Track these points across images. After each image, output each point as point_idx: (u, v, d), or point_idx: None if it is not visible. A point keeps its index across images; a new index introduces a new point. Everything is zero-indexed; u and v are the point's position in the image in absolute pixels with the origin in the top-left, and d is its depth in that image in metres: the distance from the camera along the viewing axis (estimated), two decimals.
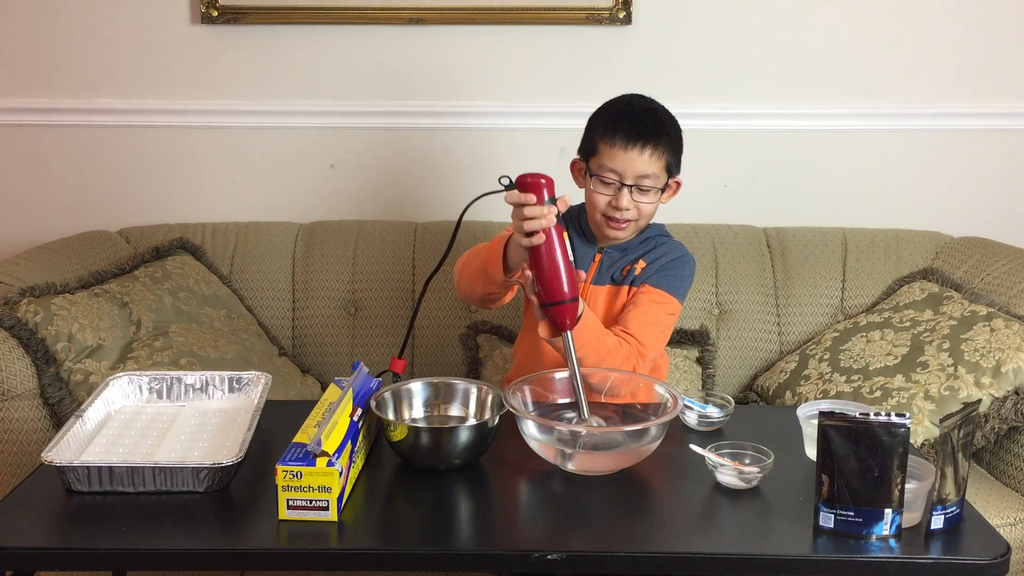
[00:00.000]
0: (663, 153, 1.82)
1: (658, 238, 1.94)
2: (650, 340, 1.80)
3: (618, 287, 1.89)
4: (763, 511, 1.40)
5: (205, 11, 2.49)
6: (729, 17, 2.53)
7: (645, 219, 1.87)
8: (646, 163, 1.80)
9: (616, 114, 1.85)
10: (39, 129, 2.58)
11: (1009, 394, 2.02)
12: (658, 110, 1.87)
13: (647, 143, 1.80)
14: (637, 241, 1.92)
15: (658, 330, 1.83)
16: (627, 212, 1.82)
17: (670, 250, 1.91)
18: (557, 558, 1.28)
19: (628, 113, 1.84)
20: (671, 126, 1.86)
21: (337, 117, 2.58)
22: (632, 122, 1.81)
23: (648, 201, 1.83)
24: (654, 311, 1.83)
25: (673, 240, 1.96)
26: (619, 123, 1.82)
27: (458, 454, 1.48)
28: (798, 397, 2.21)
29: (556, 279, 1.55)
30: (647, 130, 1.80)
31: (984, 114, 2.59)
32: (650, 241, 1.92)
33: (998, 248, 2.41)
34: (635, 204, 1.82)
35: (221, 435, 1.56)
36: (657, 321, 1.83)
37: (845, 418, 1.31)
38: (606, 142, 1.82)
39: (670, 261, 1.89)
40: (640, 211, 1.83)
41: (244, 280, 2.45)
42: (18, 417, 1.94)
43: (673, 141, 1.85)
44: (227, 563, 1.36)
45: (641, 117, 1.83)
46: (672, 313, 1.87)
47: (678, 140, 1.87)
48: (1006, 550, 1.31)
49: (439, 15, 2.50)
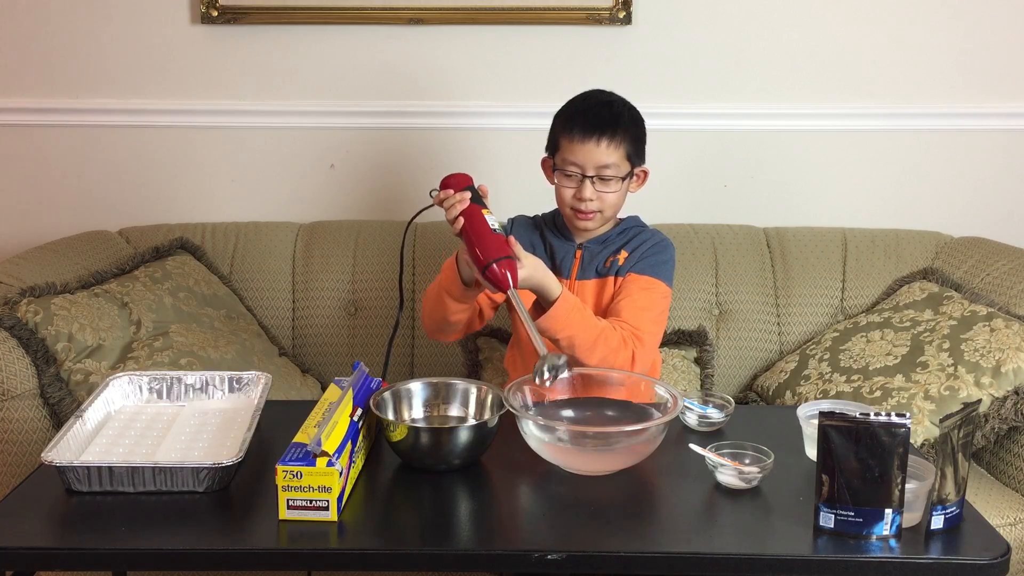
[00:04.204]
0: (621, 143, 1.86)
1: (636, 228, 1.97)
2: (645, 324, 1.81)
3: (604, 279, 1.91)
4: (763, 511, 1.40)
5: (205, 11, 2.49)
6: (729, 17, 2.53)
7: (611, 209, 1.89)
8: (604, 153, 1.84)
9: (574, 110, 1.91)
10: (39, 129, 2.58)
11: (1009, 394, 2.02)
12: (615, 102, 1.92)
13: (603, 134, 1.84)
14: (616, 232, 1.95)
15: (651, 314, 1.84)
16: (591, 203, 1.86)
17: (649, 237, 1.95)
18: (557, 558, 1.28)
19: (585, 108, 1.90)
20: (629, 117, 1.90)
21: (337, 117, 2.58)
22: (588, 115, 1.87)
23: (611, 191, 1.87)
24: (644, 297, 1.85)
25: (651, 228, 1.99)
26: (576, 117, 1.88)
27: (458, 454, 1.48)
28: (798, 397, 2.21)
29: (480, 246, 1.63)
30: (603, 121, 1.85)
31: (984, 114, 2.59)
32: (629, 231, 1.95)
33: (998, 248, 2.41)
34: (599, 194, 1.86)
35: (221, 435, 1.56)
36: (649, 306, 1.84)
37: (845, 418, 1.31)
38: (566, 136, 1.88)
39: (651, 247, 1.92)
40: (604, 201, 1.87)
41: (244, 280, 2.45)
42: (18, 417, 1.94)
43: (631, 131, 1.89)
44: (227, 563, 1.36)
45: (597, 110, 1.88)
46: (664, 297, 1.89)
47: (637, 130, 1.91)
48: (1006, 550, 1.31)
49: (439, 15, 2.50)
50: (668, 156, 2.60)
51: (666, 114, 2.56)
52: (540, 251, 1.96)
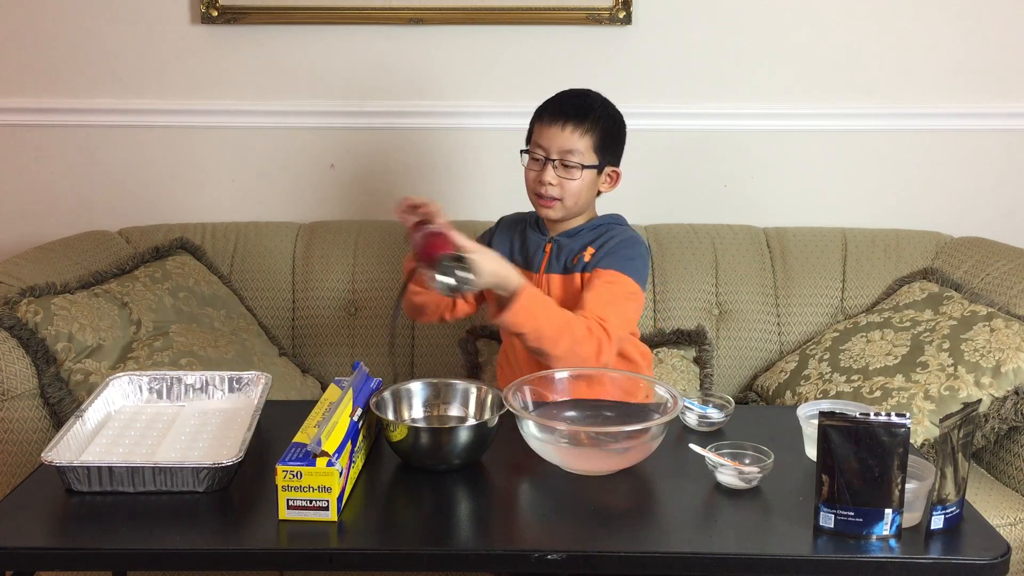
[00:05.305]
0: (588, 132, 1.87)
1: (611, 226, 1.95)
2: (610, 316, 1.78)
3: (570, 275, 1.91)
4: (763, 511, 1.40)
5: (205, 11, 2.49)
6: (729, 17, 2.53)
7: (572, 198, 1.88)
8: (568, 138, 1.86)
9: (549, 100, 1.94)
10: (39, 129, 2.58)
11: (1009, 394, 2.02)
12: (591, 95, 1.94)
13: (569, 119, 1.87)
14: (588, 228, 1.94)
15: (615, 307, 1.82)
16: (552, 188, 1.87)
17: (617, 234, 1.93)
18: (557, 558, 1.28)
19: (559, 97, 1.94)
20: (603, 112, 1.91)
21: (337, 117, 2.58)
22: (560, 102, 1.92)
23: (572, 178, 1.87)
24: (608, 291, 1.83)
25: (627, 227, 1.98)
26: (549, 104, 1.93)
27: (458, 454, 1.48)
28: (798, 397, 2.21)
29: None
30: (572, 108, 1.89)
31: (984, 114, 2.59)
32: (601, 228, 1.94)
33: (998, 248, 2.41)
34: (560, 180, 1.87)
35: (221, 435, 1.56)
36: (612, 300, 1.82)
37: (845, 418, 1.31)
38: (537, 121, 1.93)
39: (617, 243, 1.90)
40: (564, 188, 1.87)
41: (244, 280, 2.45)
42: (18, 417, 1.94)
43: (603, 124, 1.89)
44: (227, 563, 1.36)
45: (570, 99, 1.92)
46: (631, 293, 1.86)
47: (610, 125, 1.91)
48: (1006, 550, 1.31)
49: (439, 15, 2.50)
50: (668, 156, 2.60)
51: (666, 114, 2.57)
52: (516, 245, 1.98)
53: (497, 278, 1.67)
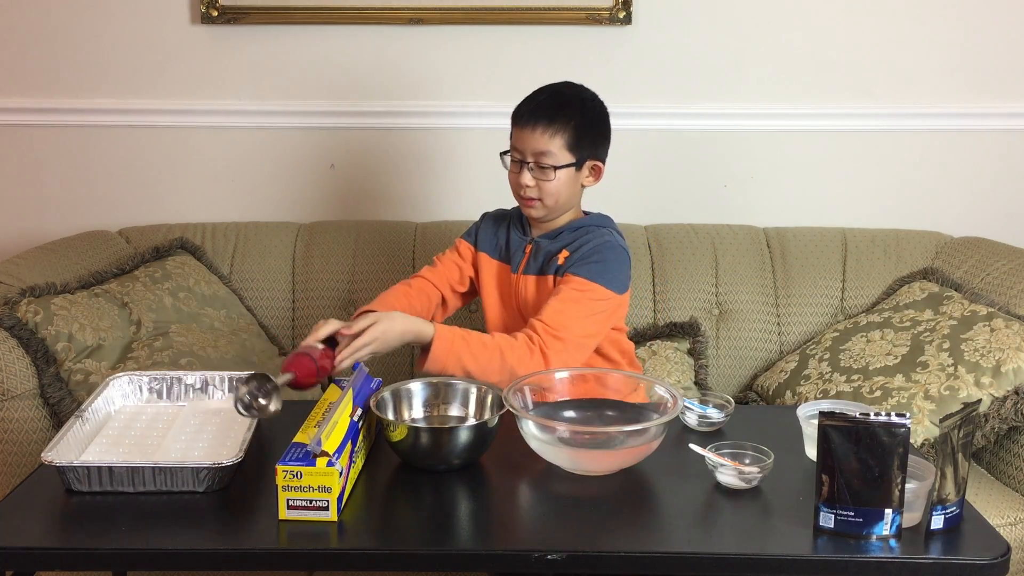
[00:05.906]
0: (559, 131, 1.83)
1: (590, 228, 1.91)
2: (562, 321, 1.76)
3: (544, 277, 1.90)
4: (763, 511, 1.40)
5: (205, 11, 2.49)
6: (729, 17, 2.53)
7: (552, 198, 1.86)
8: (539, 140, 1.83)
9: (524, 100, 1.91)
10: (39, 129, 2.58)
11: (1009, 394, 2.02)
12: (565, 93, 1.89)
13: (539, 121, 1.84)
14: (569, 229, 1.91)
15: (574, 312, 1.78)
16: (530, 189, 1.86)
17: (593, 239, 1.88)
18: (557, 558, 1.28)
19: (533, 96, 1.90)
20: (578, 109, 1.86)
21: (337, 117, 2.58)
22: (533, 103, 1.87)
23: (548, 179, 1.85)
24: (572, 297, 1.80)
25: (608, 230, 1.92)
26: (523, 105, 1.89)
27: (458, 454, 1.48)
28: (798, 397, 2.21)
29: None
30: (543, 109, 1.85)
31: (984, 114, 2.59)
32: (580, 231, 1.90)
33: (998, 248, 2.41)
34: (537, 182, 1.85)
35: (221, 435, 1.56)
36: (576, 308, 1.79)
37: (845, 418, 1.31)
38: (513, 123, 1.90)
39: (591, 249, 1.86)
40: (543, 189, 1.85)
41: (244, 280, 2.45)
42: (18, 417, 1.94)
43: (575, 121, 1.85)
44: (227, 563, 1.36)
45: (542, 99, 1.88)
46: (600, 299, 1.82)
47: (584, 121, 1.86)
48: (1006, 550, 1.31)
49: (439, 15, 2.50)
50: (668, 156, 2.60)
51: (666, 114, 2.57)
52: (500, 241, 1.97)
53: (409, 335, 1.68)
